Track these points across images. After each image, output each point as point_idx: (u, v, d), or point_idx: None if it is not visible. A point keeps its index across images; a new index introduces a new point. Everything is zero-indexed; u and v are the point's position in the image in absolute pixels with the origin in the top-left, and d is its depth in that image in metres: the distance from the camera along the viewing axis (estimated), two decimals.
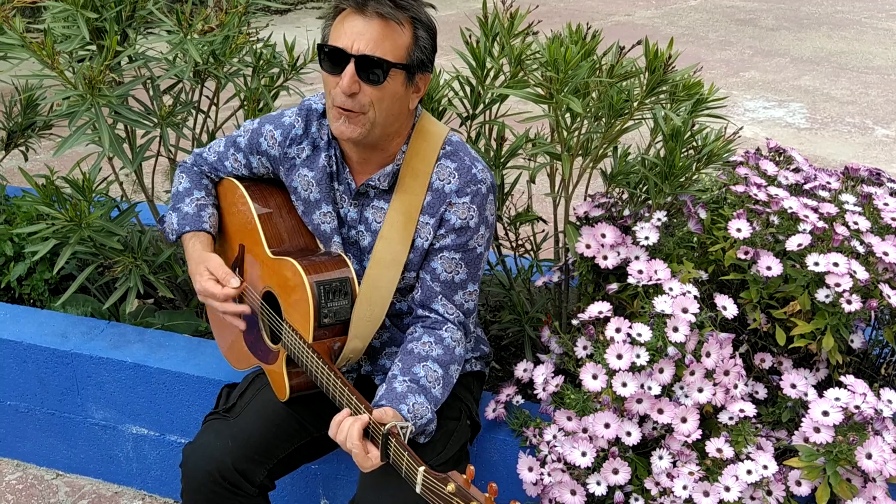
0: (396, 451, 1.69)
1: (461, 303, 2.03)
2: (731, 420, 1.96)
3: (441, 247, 2.00)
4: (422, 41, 1.89)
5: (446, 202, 1.98)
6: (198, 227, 2.15)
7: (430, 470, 1.61)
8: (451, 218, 1.98)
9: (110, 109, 2.41)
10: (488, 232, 2.03)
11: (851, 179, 2.29)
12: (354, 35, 1.82)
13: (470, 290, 2.04)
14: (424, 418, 1.86)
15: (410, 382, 1.88)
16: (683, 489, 1.89)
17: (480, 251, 2.03)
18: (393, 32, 1.84)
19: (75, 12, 2.32)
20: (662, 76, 2.05)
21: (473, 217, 1.99)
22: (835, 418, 1.81)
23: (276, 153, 2.12)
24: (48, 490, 2.75)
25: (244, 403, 2.08)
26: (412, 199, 1.99)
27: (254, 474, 2.00)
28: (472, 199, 1.98)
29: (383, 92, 1.85)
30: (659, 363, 1.95)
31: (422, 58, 1.90)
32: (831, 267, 1.98)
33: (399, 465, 1.69)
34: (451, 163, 1.99)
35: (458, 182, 1.98)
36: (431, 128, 2.02)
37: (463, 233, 1.99)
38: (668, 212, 2.33)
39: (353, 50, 1.82)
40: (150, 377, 2.54)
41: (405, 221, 1.99)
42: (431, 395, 1.90)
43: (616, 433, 1.97)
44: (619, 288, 2.24)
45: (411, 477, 1.65)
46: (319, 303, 1.94)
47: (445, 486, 1.56)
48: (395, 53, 1.84)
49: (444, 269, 2.01)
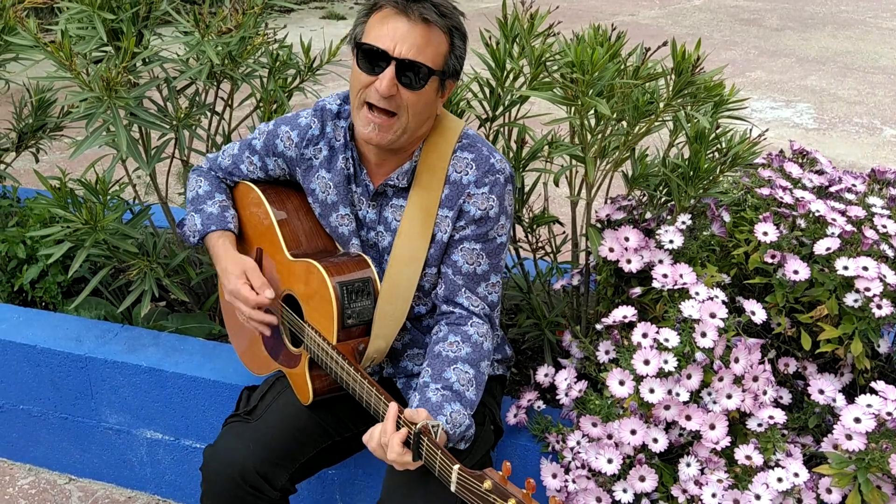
0: (429, 450, 1.66)
1: (485, 295, 2.00)
2: (760, 427, 1.93)
3: (461, 237, 1.97)
4: (458, 50, 1.88)
5: (465, 193, 1.95)
6: (223, 227, 2.13)
7: (465, 468, 1.58)
8: (470, 209, 1.96)
9: (126, 111, 2.38)
10: (508, 222, 2.01)
11: (878, 182, 2.26)
12: (398, 37, 1.80)
13: (493, 281, 2.01)
14: (463, 425, 1.83)
15: (444, 390, 1.85)
16: (712, 497, 1.87)
17: (501, 241, 2.00)
18: (435, 39, 1.83)
19: (92, 13, 2.30)
20: (690, 77, 2.02)
21: (493, 207, 1.96)
22: (867, 425, 1.78)
23: (292, 154, 2.09)
24: (61, 495, 2.72)
25: (265, 406, 2.06)
26: (430, 195, 1.97)
27: (276, 478, 1.98)
28: (490, 188, 1.96)
29: (419, 97, 1.84)
30: (687, 369, 1.93)
31: (456, 66, 1.89)
32: (861, 271, 1.95)
33: (433, 463, 1.66)
34: (469, 154, 1.97)
35: (477, 172, 1.95)
36: (447, 123, 2.01)
37: (483, 223, 1.97)
38: (691, 214, 2.30)
39: (396, 53, 1.80)
40: (166, 381, 2.51)
41: (424, 217, 1.97)
42: (466, 399, 1.87)
43: (643, 440, 1.94)
44: (643, 292, 2.21)
45: (445, 475, 1.62)
46: (343, 304, 1.91)
47: (482, 483, 1.54)
48: (435, 60, 1.83)
49: (466, 260, 1.98)
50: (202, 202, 2.17)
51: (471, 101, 2.43)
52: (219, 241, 2.11)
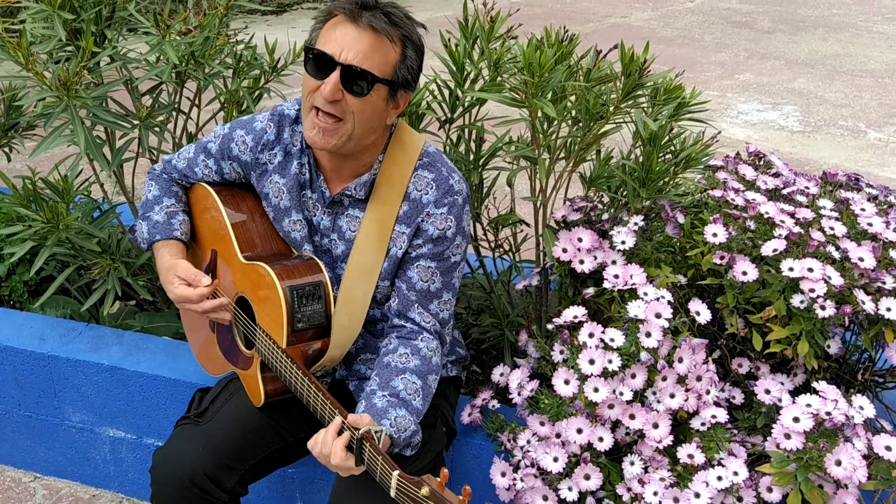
0: (371, 456, 1.68)
1: (437, 312, 2.03)
2: (704, 426, 1.95)
3: (417, 255, 2.00)
4: (409, 60, 1.89)
5: (424, 213, 1.97)
6: (168, 235, 2.14)
7: (405, 474, 1.60)
8: (428, 228, 1.98)
9: (88, 111, 2.40)
10: (464, 242, 2.03)
11: (830, 184, 2.28)
12: (345, 44, 1.81)
13: (445, 298, 2.04)
14: (408, 430, 1.85)
15: (390, 397, 1.87)
16: (654, 495, 1.88)
17: (455, 261, 2.03)
18: (383, 47, 1.84)
19: (52, 13, 2.31)
20: (638, 80, 2.04)
21: (451, 227, 1.98)
22: (805, 424, 1.80)
23: (247, 158, 2.11)
24: (25, 492, 2.74)
25: (216, 408, 2.07)
26: (388, 209, 1.99)
27: (225, 480, 1.99)
28: (449, 209, 1.98)
29: (365, 104, 1.85)
30: (631, 368, 1.94)
31: (407, 77, 1.90)
32: (806, 272, 1.97)
33: (374, 469, 1.68)
34: (429, 173, 1.99)
35: (436, 193, 1.97)
36: (408, 138, 2.02)
37: (440, 243, 1.99)
38: (646, 216, 2.32)
39: (341, 58, 1.81)
40: (127, 380, 2.53)
41: (380, 231, 1.99)
42: (412, 406, 1.89)
43: (588, 439, 1.96)
44: (596, 293, 2.23)
45: (385, 481, 1.64)
46: (293, 308, 1.93)
47: (419, 489, 1.56)
48: (381, 69, 1.84)
49: (420, 278, 2.00)
50: (150, 208, 2.18)
51: (430, 103, 2.44)
52: (161, 251, 2.13)
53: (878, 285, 2.03)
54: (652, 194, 2.27)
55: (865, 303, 1.98)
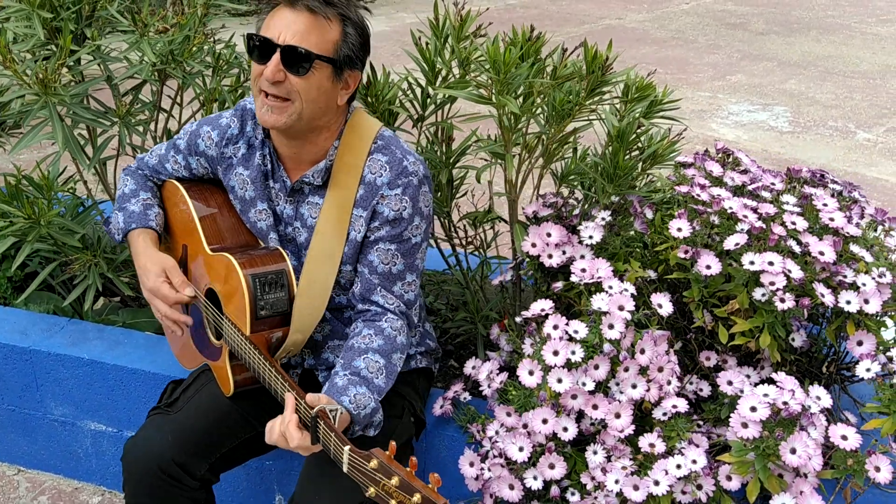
0: (325, 433, 1.72)
1: (401, 293, 2.06)
2: (665, 416, 1.99)
3: (376, 238, 2.03)
4: (350, 38, 1.94)
5: (378, 195, 2.01)
6: (144, 224, 2.18)
7: (356, 448, 1.64)
8: (383, 210, 2.01)
9: (68, 108, 2.44)
10: (424, 223, 2.06)
11: (794, 181, 2.31)
12: (282, 27, 1.88)
13: (409, 280, 2.07)
14: (368, 408, 1.88)
15: (351, 375, 1.90)
16: (615, 483, 1.92)
17: (416, 241, 2.06)
18: (320, 26, 1.89)
19: (31, 12, 2.36)
20: (601, 77, 2.07)
21: (406, 208, 2.02)
22: (762, 414, 1.83)
23: (213, 153, 2.16)
24: (9, 485, 2.78)
25: (187, 398, 2.11)
26: (345, 194, 2.03)
27: (195, 468, 2.03)
28: (403, 190, 2.01)
29: (308, 82, 1.90)
30: (594, 360, 1.98)
31: (349, 55, 1.94)
32: (766, 266, 2.00)
33: (328, 445, 1.72)
34: (383, 156, 2.03)
35: (390, 174, 2.01)
36: (363, 122, 2.06)
37: (397, 224, 2.02)
38: (615, 211, 2.36)
39: (280, 40, 1.88)
40: (107, 374, 2.57)
41: (339, 215, 2.03)
42: (374, 384, 1.92)
43: (553, 429, 1.99)
44: (565, 287, 2.26)
45: (338, 457, 1.68)
46: (255, 295, 1.97)
47: (368, 462, 1.60)
48: (320, 46, 1.89)
49: (381, 260, 2.04)
50: (126, 200, 2.23)
51: (402, 101, 2.48)
52: (138, 239, 2.17)
53: (840, 279, 2.06)
54: (619, 190, 2.30)
55: (825, 296, 2.01)
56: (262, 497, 2.60)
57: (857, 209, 2.25)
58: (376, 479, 1.56)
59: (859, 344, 2.06)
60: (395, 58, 2.44)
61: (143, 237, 2.16)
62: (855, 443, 1.87)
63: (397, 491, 1.53)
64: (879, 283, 2.06)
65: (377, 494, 1.57)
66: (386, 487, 1.56)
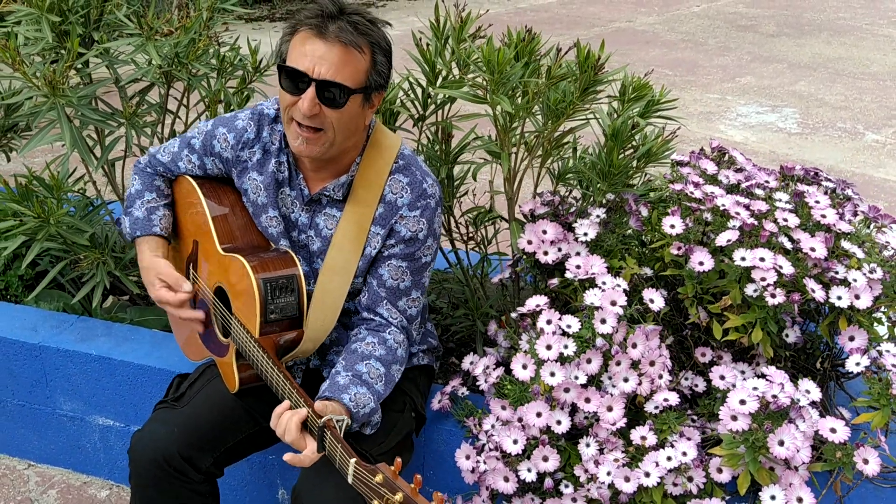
0: (331, 443, 1.77)
1: (405, 308, 2.11)
2: (657, 409, 2.02)
3: (389, 255, 2.08)
4: (380, 65, 1.96)
5: (398, 215, 2.06)
6: (147, 232, 2.23)
7: (361, 462, 1.69)
8: (401, 230, 2.06)
9: (76, 110, 2.50)
10: (435, 244, 2.13)
11: (788, 178, 2.34)
12: (315, 59, 1.88)
13: (414, 296, 2.12)
14: (367, 407, 1.93)
15: (353, 377, 1.95)
16: (607, 475, 1.95)
17: (426, 261, 2.12)
18: (353, 59, 1.90)
19: (40, 16, 2.42)
20: (594, 77, 2.11)
21: (423, 230, 2.07)
22: (751, 406, 1.86)
23: (229, 156, 2.19)
24: (19, 479, 2.84)
25: (193, 393, 2.16)
26: (364, 210, 2.07)
27: (200, 461, 2.07)
28: (422, 213, 2.07)
29: (342, 115, 1.93)
30: (587, 354, 2.02)
31: (379, 81, 1.97)
32: (757, 262, 2.03)
33: (333, 456, 1.77)
34: (404, 177, 2.07)
35: (411, 196, 2.06)
36: (385, 140, 2.11)
37: (412, 244, 2.07)
38: (610, 209, 2.39)
39: (315, 74, 1.88)
40: (115, 370, 2.62)
41: (357, 231, 2.08)
42: (374, 389, 1.97)
43: (547, 422, 2.03)
44: (561, 283, 2.30)
45: (344, 468, 1.73)
46: (266, 299, 2.01)
47: (374, 476, 1.64)
48: (354, 79, 1.91)
49: (391, 276, 2.09)
50: (132, 203, 2.28)
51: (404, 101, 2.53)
52: (142, 247, 2.23)
53: (831, 275, 2.09)
54: (615, 188, 2.34)
55: (815, 291, 2.04)
56: (266, 491, 2.64)
57: (849, 206, 2.28)
58: (380, 493, 1.61)
59: (851, 339, 2.09)
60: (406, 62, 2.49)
61: (147, 245, 2.22)
62: (844, 436, 1.90)
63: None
64: (870, 279, 2.09)
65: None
66: (389, 502, 1.60)
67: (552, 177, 2.51)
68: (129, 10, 2.65)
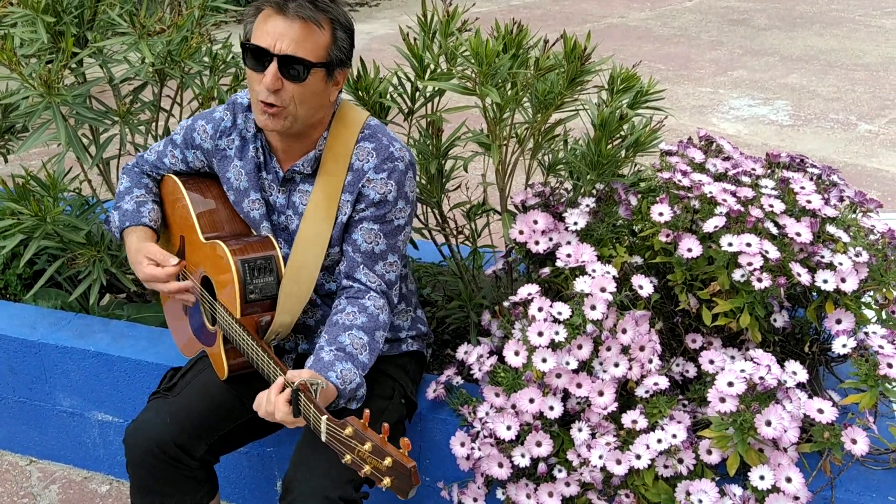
0: (305, 406, 1.79)
1: (382, 273, 2.14)
2: (647, 393, 2.05)
3: (360, 218, 2.11)
4: (340, 41, 2.01)
5: (364, 178, 2.09)
6: (136, 222, 2.27)
7: (332, 418, 1.71)
8: (369, 193, 2.09)
9: (71, 109, 2.53)
10: (409, 207, 2.14)
11: (774, 165, 2.37)
12: (276, 35, 1.94)
13: (390, 260, 2.14)
14: (353, 383, 1.95)
15: (337, 351, 1.98)
16: (599, 458, 1.98)
17: (399, 224, 2.14)
18: (313, 34, 1.96)
19: (35, 17, 2.45)
20: (581, 67, 2.14)
21: (391, 191, 2.10)
22: (738, 388, 1.90)
23: (208, 146, 2.24)
24: (21, 475, 2.87)
25: (185, 383, 2.20)
26: (334, 180, 2.11)
27: (193, 449, 2.11)
28: (389, 174, 2.09)
29: (305, 88, 1.97)
30: (578, 340, 2.05)
31: (340, 56, 2.02)
32: (744, 247, 2.07)
33: (307, 417, 1.79)
34: (370, 143, 2.11)
35: (376, 160, 2.09)
36: (351, 114, 2.15)
37: (381, 206, 2.10)
38: (600, 199, 2.42)
39: (276, 50, 1.94)
40: (113, 365, 2.65)
41: (328, 201, 2.11)
42: (358, 360, 1.99)
43: (539, 408, 2.06)
44: (552, 272, 2.33)
45: (317, 426, 1.75)
46: (245, 279, 2.06)
47: (343, 429, 1.67)
48: (315, 53, 1.96)
49: (364, 239, 2.12)
50: (121, 199, 2.32)
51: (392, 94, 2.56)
52: (130, 237, 2.26)
53: (817, 259, 2.12)
54: (604, 178, 2.37)
55: (801, 275, 2.08)
56: (264, 483, 2.68)
57: (835, 192, 2.31)
58: (351, 445, 1.64)
59: (838, 322, 2.12)
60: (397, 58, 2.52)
61: (136, 234, 2.25)
62: (831, 416, 1.93)
63: (370, 456, 1.61)
64: (856, 263, 2.12)
65: (353, 461, 1.64)
66: (360, 453, 1.63)
67: (543, 168, 2.54)
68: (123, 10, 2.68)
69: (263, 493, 2.69)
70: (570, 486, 2.07)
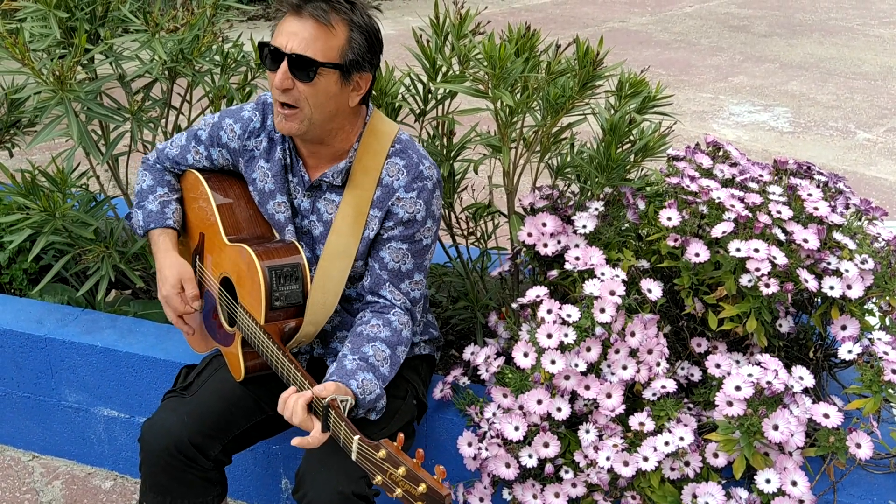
0: (335, 422, 1.81)
1: (407, 291, 2.16)
2: (654, 396, 2.07)
3: (389, 237, 2.12)
4: (355, 43, 1.99)
5: (394, 197, 2.10)
6: (162, 224, 2.28)
7: (365, 438, 1.73)
8: (398, 211, 2.10)
9: (82, 105, 2.54)
10: (435, 225, 2.16)
11: (781, 172, 2.39)
12: (289, 35, 1.96)
13: (416, 279, 2.17)
14: (373, 394, 1.97)
15: (360, 360, 2.00)
16: (606, 460, 2.00)
17: (426, 243, 2.16)
18: (325, 34, 1.96)
19: (48, 12, 2.45)
20: (593, 72, 2.16)
21: (420, 211, 2.11)
22: (746, 392, 1.91)
23: (236, 146, 2.24)
24: (24, 471, 2.87)
25: (201, 382, 2.21)
26: (363, 194, 2.12)
27: (209, 449, 2.12)
28: (418, 194, 2.11)
29: (315, 89, 1.97)
30: (586, 342, 2.06)
31: (356, 59, 2.00)
32: (752, 253, 2.09)
33: (337, 434, 1.81)
34: (400, 160, 2.12)
35: (407, 178, 2.10)
36: (382, 126, 2.15)
37: (410, 225, 2.11)
38: (608, 202, 2.44)
39: (287, 49, 1.95)
40: (120, 361, 2.66)
41: (356, 215, 2.12)
42: (379, 372, 2.01)
43: (547, 409, 2.08)
44: (560, 274, 2.35)
45: (348, 445, 1.77)
46: (271, 287, 2.06)
47: (377, 452, 1.68)
48: (325, 53, 1.96)
49: (392, 258, 2.13)
50: (145, 197, 2.32)
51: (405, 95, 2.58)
52: (159, 240, 2.27)
53: (824, 265, 2.14)
54: (612, 181, 2.39)
55: (808, 281, 2.10)
56: (270, 481, 2.69)
57: (841, 199, 2.33)
58: (384, 468, 1.65)
59: (843, 328, 2.14)
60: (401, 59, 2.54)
61: (164, 238, 2.26)
62: (837, 421, 1.95)
63: (403, 480, 1.62)
64: (862, 270, 2.14)
65: (384, 483, 1.66)
66: (393, 476, 1.64)
67: (551, 171, 2.56)
68: (135, 7, 2.69)
69: (269, 490, 2.70)
70: (576, 487, 2.08)
